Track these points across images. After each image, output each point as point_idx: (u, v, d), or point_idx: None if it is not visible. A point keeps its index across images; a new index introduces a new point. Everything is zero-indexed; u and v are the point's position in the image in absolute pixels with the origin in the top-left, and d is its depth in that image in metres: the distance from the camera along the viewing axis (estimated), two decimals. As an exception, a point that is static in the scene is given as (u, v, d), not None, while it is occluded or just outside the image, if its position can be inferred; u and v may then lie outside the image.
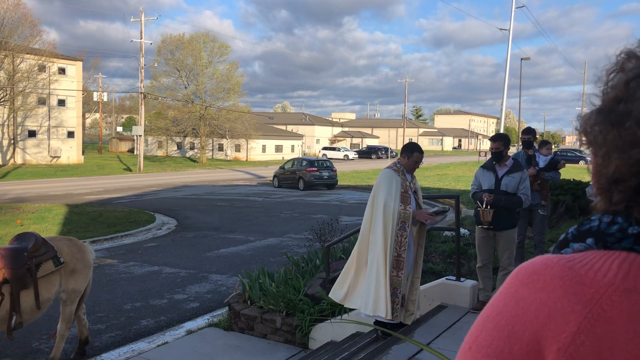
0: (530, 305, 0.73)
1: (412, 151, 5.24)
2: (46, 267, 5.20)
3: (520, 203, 5.76)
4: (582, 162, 48.64)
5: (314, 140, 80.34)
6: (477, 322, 0.78)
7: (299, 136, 71.53)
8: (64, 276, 5.37)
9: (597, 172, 0.78)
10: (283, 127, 76.25)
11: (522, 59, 42.73)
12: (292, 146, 67.66)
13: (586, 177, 16.33)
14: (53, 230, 13.49)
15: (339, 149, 66.94)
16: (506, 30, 28.52)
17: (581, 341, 0.68)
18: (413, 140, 6.03)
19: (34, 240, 5.20)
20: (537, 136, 8.18)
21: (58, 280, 5.33)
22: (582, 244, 0.78)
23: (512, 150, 12.75)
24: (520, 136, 7.66)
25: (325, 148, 68.24)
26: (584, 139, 0.80)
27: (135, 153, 58.67)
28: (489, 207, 5.67)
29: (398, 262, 5.00)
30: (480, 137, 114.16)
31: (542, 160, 7.33)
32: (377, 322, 5.19)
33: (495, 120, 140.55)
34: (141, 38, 39.15)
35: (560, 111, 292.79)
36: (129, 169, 40.73)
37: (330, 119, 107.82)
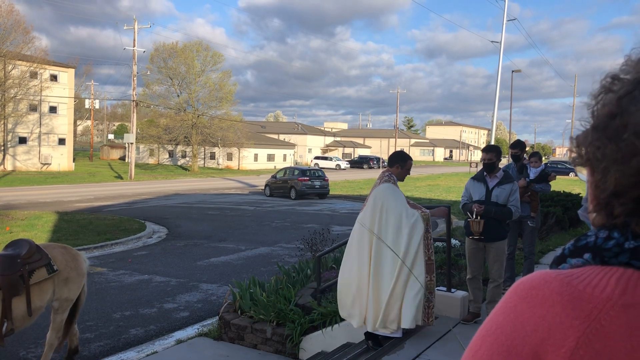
0: (529, 320, 0.73)
1: (405, 160, 5.33)
2: (39, 274, 5.16)
3: (510, 214, 5.79)
4: (572, 174, 48.98)
5: (306, 150, 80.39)
6: (476, 337, 0.79)
7: (291, 145, 71.56)
8: (57, 284, 5.34)
9: (595, 188, 0.79)
10: (275, 136, 76.25)
11: (513, 71, 43.08)
12: (284, 155, 67.66)
13: (576, 189, 16.45)
14: (42, 238, 13.39)
15: (331, 159, 67.01)
16: (497, 42, 28.78)
17: (580, 356, 0.69)
18: (404, 150, 6.09)
19: (27, 246, 5.17)
20: (527, 148, 8.23)
21: (51, 288, 5.30)
22: (579, 259, 0.79)
23: (503, 162, 12.83)
24: (509, 150, 7.71)
25: (317, 157, 68.27)
26: (581, 156, 0.81)
27: (126, 161, 58.43)
28: (479, 217, 5.71)
29: (429, 266, 5.02)
30: (471, 148, 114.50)
31: (532, 172, 7.38)
32: (367, 333, 5.18)
33: (486, 132, 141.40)
34: (134, 46, 39.12)
35: (551, 123, 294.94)
36: (120, 177, 40.55)
37: (323, 128, 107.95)
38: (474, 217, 5.72)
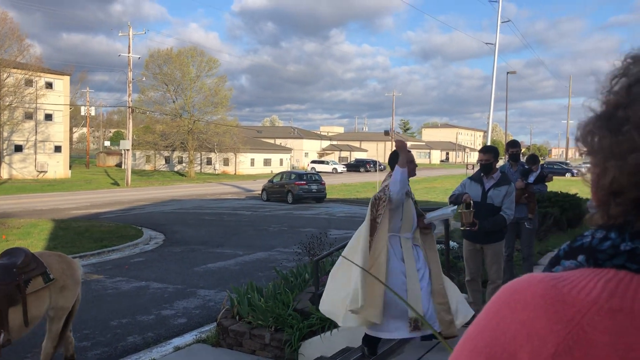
0: (510, 326, 0.69)
1: (397, 154, 5.29)
2: (35, 284, 5.09)
3: (504, 222, 5.72)
4: (568, 175, 49.11)
5: (303, 154, 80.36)
6: (459, 343, 0.75)
7: (288, 150, 71.55)
8: (53, 293, 5.28)
9: (595, 184, 0.74)
10: (271, 141, 76.22)
11: (508, 72, 43.15)
12: (281, 160, 67.63)
13: (572, 189, 16.51)
14: (39, 246, 13.32)
15: (327, 163, 67.00)
16: (492, 44, 28.86)
17: None
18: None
19: (23, 255, 5.10)
20: (523, 150, 8.21)
21: (48, 297, 5.23)
22: (573, 261, 0.73)
23: (499, 163, 12.80)
24: (508, 149, 7.67)
25: (313, 161, 68.26)
26: (582, 147, 0.76)
27: (122, 167, 58.24)
28: (470, 207, 5.57)
29: (372, 227, 4.56)
30: (467, 150, 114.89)
31: (532, 176, 7.36)
32: (365, 339, 5.14)
33: (482, 134, 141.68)
34: (129, 52, 39.09)
35: (547, 124, 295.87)
36: (116, 184, 40.45)
37: (319, 132, 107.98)
38: (464, 207, 5.61)
